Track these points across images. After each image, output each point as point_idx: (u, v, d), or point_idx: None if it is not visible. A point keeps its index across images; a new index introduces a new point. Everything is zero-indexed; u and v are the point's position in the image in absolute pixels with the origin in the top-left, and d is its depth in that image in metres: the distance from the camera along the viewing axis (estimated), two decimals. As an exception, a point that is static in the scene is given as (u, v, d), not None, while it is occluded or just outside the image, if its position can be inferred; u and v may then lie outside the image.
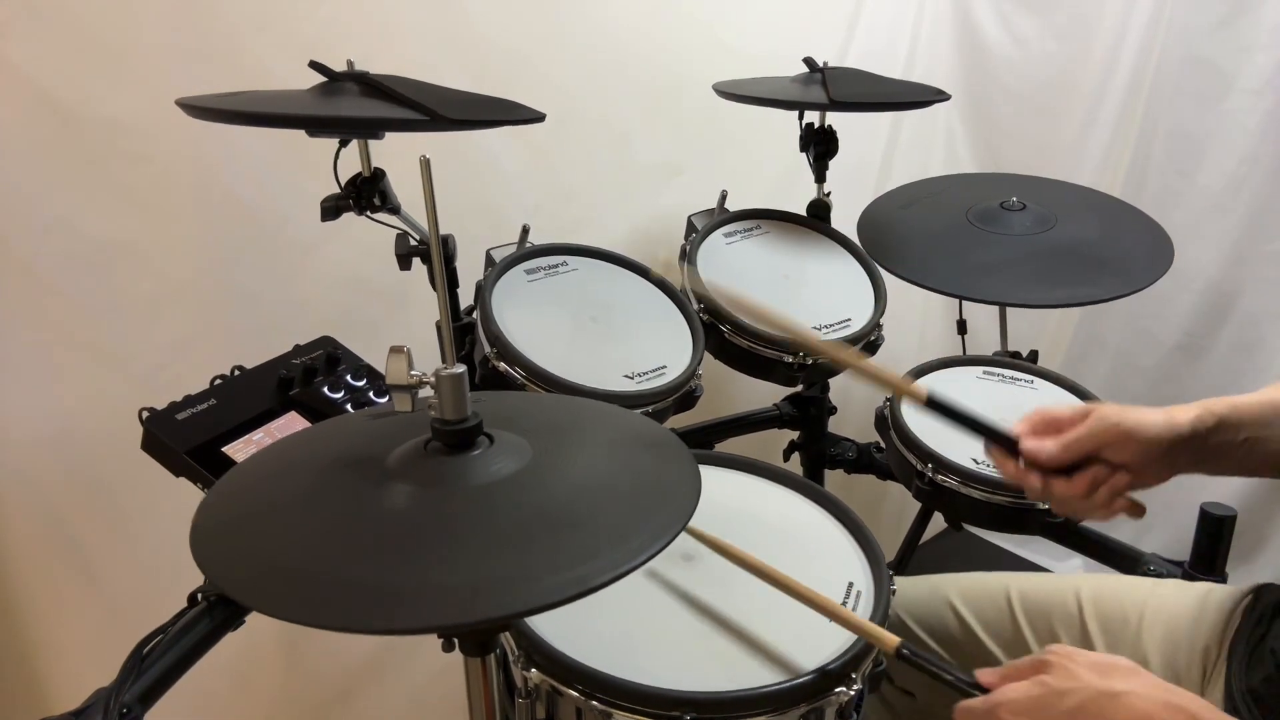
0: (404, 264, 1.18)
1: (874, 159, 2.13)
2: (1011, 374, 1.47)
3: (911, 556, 1.72)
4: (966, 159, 2.30)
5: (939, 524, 1.64)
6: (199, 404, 0.99)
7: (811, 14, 1.89)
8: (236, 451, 0.97)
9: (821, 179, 1.60)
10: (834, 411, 1.72)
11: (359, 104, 0.98)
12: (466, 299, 1.26)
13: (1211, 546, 1.22)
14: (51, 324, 1.16)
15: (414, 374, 0.67)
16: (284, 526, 0.64)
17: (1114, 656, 0.75)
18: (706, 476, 0.72)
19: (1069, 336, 2.31)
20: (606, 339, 1.25)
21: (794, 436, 1.74)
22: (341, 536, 0.63)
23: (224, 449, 0.97)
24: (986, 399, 1.42)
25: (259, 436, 1.00)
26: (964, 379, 1.46)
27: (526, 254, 1.29)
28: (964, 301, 1.62)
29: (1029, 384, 1.45)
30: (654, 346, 1.26)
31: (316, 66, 1.01)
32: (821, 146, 1.56)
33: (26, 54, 1.08)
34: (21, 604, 1.19)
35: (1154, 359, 2.15)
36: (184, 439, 0.95)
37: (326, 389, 1.08)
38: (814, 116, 1.57)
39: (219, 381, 1.03)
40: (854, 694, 0.82)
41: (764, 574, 0.89)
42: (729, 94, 1.43)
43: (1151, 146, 2.08)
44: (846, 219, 1.64)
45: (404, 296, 1.42)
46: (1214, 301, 2.05)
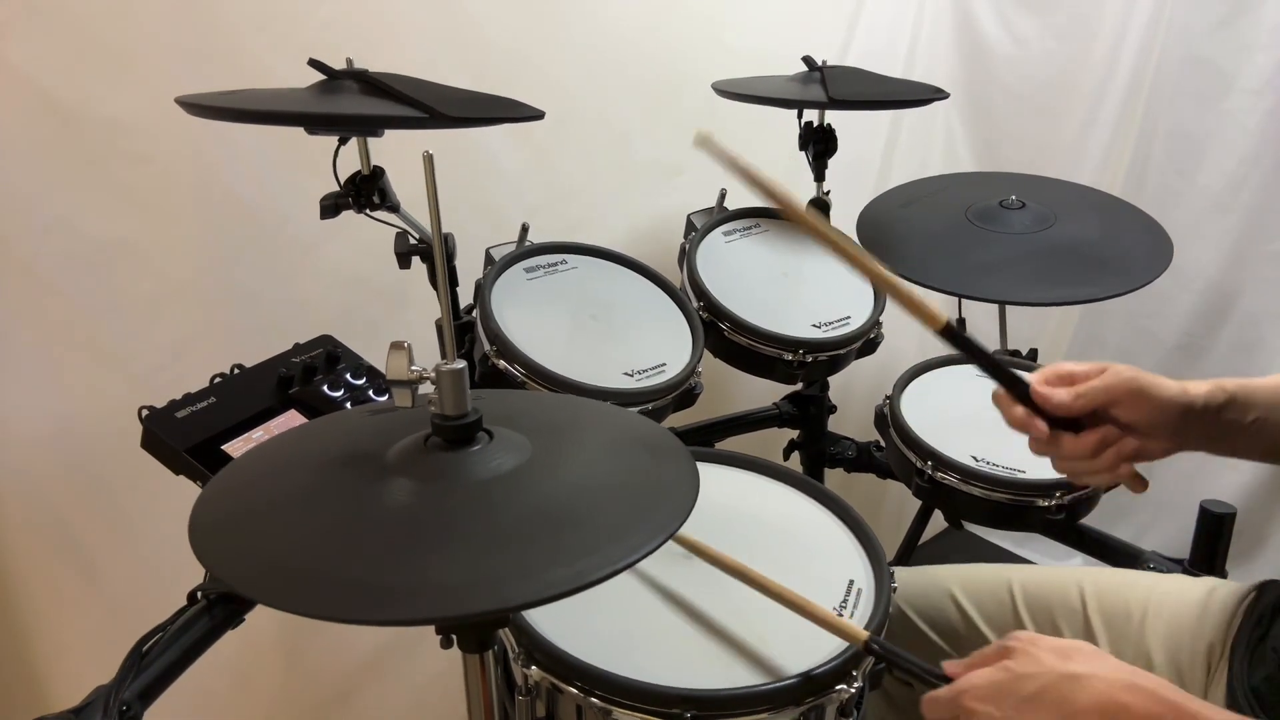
0: (403, 262, 1.18)
1: (873, 158, 2.12)
2: (1011, 373, 1.47)
3: (911, 555, 1.72)
4: (966, 158, 2.30)
5: (939, 523, 1.64)
6: (199, 402, 0.99)
7: (811, 13, 1.89)
8: (236, 449, 0.97)
9: (821, 178, 1.60)
10: (834, 410, 1.72)
11: (358, 102, 0.98)
12: (466, 298, 1.27)
13: (1211, 544, 1.22)
14: (51, 324, 1.16)
15: (414, 369, 0.67)
16: (283, 519, 0.64)
17: (1076, 641, 0.75)
18: (706, 474, 0.72)
19: (1069, 336, 2.31)
20: (606, 337, 1.25)
21: (794, 435, 1.74)
22: (341, 529, 0.63)
23: (224, 447, 0.97)
24: (985, 397, 1.41)
25: (259, 435, 1.00)
26: (963, 377, 1.46)
27: (526, 252, 1.30)
28: (963, 300, 1.62)
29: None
30: (653, 344, 1.27)
31: (316, 64, 1.01)
32: (820, 145, 1.56)
33: (26, 54, 1.08)
34: (21, 603, 1.19)
35: (1154, 359, 2.15)
36: (184, 437, 0.95)
37: (326, 387, 1.08)
38: (813, 115, 1.57)
39: (219, 380, 1.03)
40: (854, 691, 0.82)
41: (727, 565, 0.89)
42: (728, 93, 1.43)
43: (1151, 146, 2.07)
44: (846, 218, 1.64)
45: (404, 295, 1.42)
46: (1214, 301, 2.05)
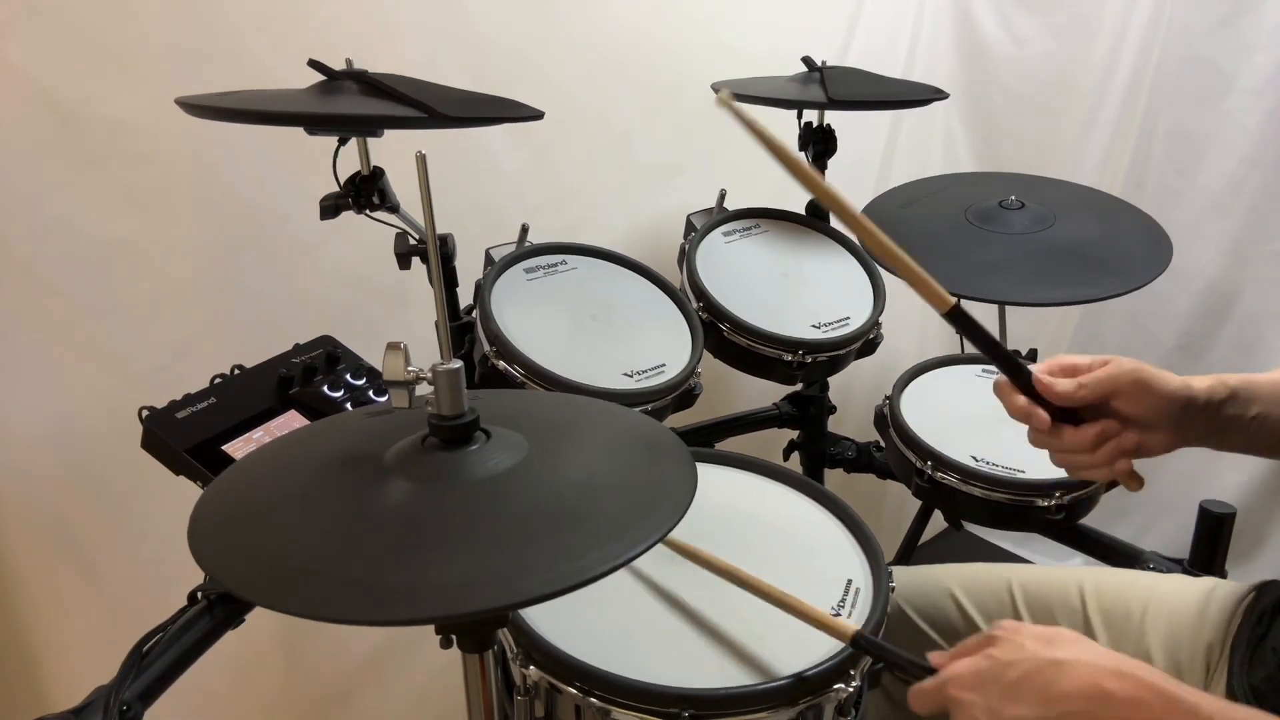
0: (403, 263, 1.18)
1: (873, 158, 2.13)
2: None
3: (911, 555, 1.72)
4: (966, 158, 2.30)
5: (939, 524, 1.64)
6: (199, 403, 0.99)
7: (811, 14, 1.89)
8: (236, 450, 0.97)
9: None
10: (833, 411, 1.72)
11: (358, 102, 0.98)
12: (466, 298, 1.27)
13: (1211, 544, 1.22)
14: (51, 324, 1.16)
15: (411, 369, 0.67)
16: (282, 521, 0.65)
17: (1060, 628, 0.74)
18: (705, 474, 0.72)
19: (1069, 336, 2.31)
20: (606, 337, 1.25)
21: (794, 436, 1.74)
22: (339, 530, 0.63)
23: (224, 447, 0.97)
24: (985, 397, 1.41)
25: (259, 435, 1.00)
26: (963, 377, 1.46)
27: (526, 253, 1.29)
28: (963, 300, 1.62)
29: None
30: (653, 345, 1.27)
31: (315, 65, 1.02)
32: (820, 146, 1.57)
33: (26, 54, 1.08)
34: (21, 603, 1.19)
35: (1154, 359, 2.11)
36: (184, 437, 0.96)
37: (326, 388, 1.08)
38: (812, 116, 1.57)
39: (219, 380, 1.04)
40: (853, 690, 0.82)
41: (717, 567, 0.90)
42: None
43: (1151, 146, 2.07)
44: (846, 218, 1.64)
45: (404, 296, 1.42)
46: (1214, 301, 2.05)
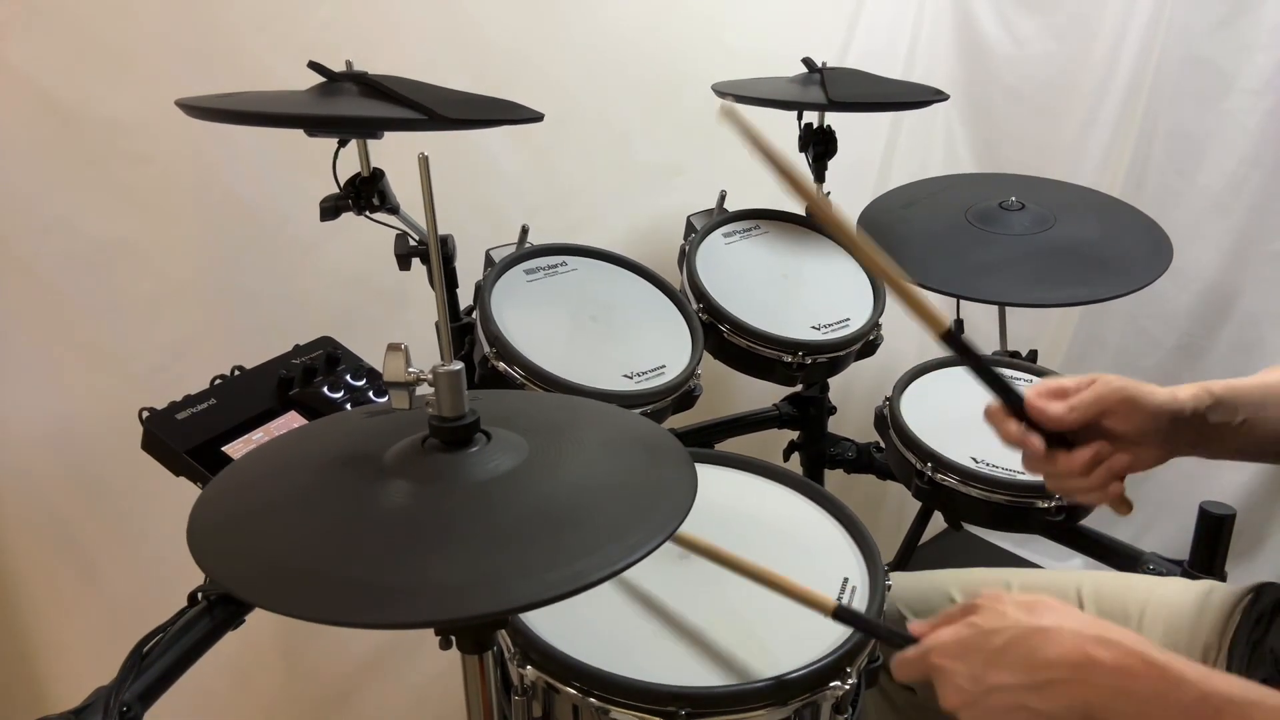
0: (403, 264, 1.18)
1: (873, 159, 2.13)
2: (1011, 374, 1.47)
3: (911, 556, 1.72)
4: (966, 159, 2.30)
5: (939, 524, 1.64)
6: (199, 404, 1.00)
7: (811, 14, 1.89)
8: (236, 451, 0.97)
9: (821, 179, 1.60)
10: (833, 411, 1.72)
11: (358, 104, 0.99)
12: (466, 299, 1.27)
13: (1211, 545, 1.22)
14: (51, 324, 1.16)
15: (411, 371, 0.67)
16: (281, 521, 0.65)
17: (1041, 595, 0.74)
18: (705, 475, 0.72)
19: (1069, 336, 2.31)
20: (606, 339, 1.26)
21: (794, 436, 1.74)
22: (339, 531, 0.63)
23: (224, 448, 0.97)
24: (984, 398, 1.42)
25: (259, 436, 1.00)
26: (963, 379, 1.46)
27: (526, 254, 1.30)
28: (963, 301, 1.62)
29: (1028, 384, 1.45)
30: (653, 346, 1.27)
31: (315, 67, 1.02)
32: (820, 147, 1.57)
33: (26, 54, 1.08)
34: (21, 603, 1.19)
35: (1154, 359, 2.15)
36: (184, 438, 0.96)
37: (326, 389, 1.08)
38: (813, 117, 1.57)
39: (219, 381, 1.04)
40: (849, 688, 0.82)
41: (697, 544, 0.90)
42: (728, 94, 1.43)
43: (1151, 146, 2.07)
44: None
45: (404, 297, 1.42)
46: (1214, 301, 2.05)
